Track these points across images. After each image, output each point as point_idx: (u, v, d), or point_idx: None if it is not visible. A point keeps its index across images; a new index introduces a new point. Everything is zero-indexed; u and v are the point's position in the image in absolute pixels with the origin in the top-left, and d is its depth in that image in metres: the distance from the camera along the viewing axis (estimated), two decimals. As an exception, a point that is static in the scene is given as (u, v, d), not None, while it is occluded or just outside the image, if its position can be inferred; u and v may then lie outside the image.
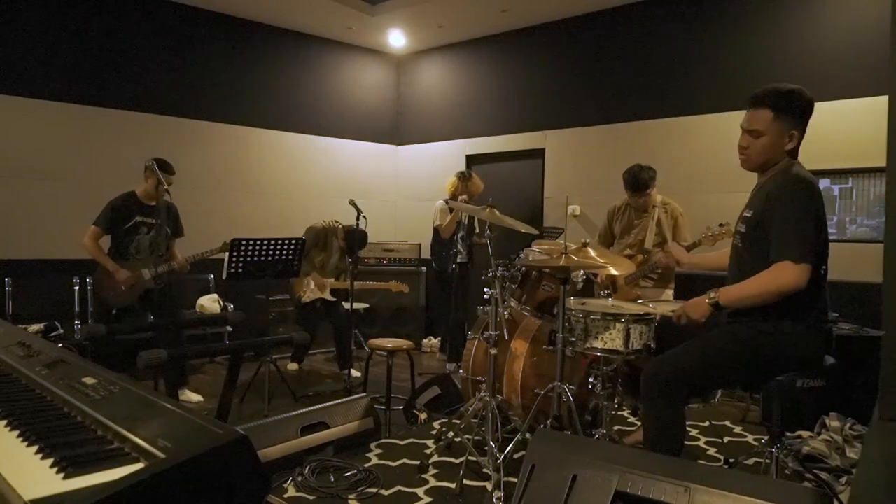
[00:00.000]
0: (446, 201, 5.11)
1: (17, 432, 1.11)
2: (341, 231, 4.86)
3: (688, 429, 2.99)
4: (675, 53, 5.03)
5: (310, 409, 3.05)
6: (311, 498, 2.57)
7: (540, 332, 3.19)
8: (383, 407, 3.55)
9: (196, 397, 4.16)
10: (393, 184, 6.91)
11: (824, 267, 2.17)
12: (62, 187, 4.92)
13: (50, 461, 0.97)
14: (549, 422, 2.78)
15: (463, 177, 5.10)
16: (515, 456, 2.79)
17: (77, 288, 4.89)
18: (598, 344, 2.67)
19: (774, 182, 2.17)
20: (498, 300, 2.93)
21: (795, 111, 2.14)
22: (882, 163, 1.10)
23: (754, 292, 2.11)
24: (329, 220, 4.93)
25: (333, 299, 4.83)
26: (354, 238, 4.45)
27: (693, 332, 2.34)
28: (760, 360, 2.16)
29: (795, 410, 3.22)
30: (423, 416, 3.57)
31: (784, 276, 2.03)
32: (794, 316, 2.12)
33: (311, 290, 4.75)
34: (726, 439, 3.41)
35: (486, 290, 2.99)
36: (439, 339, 5.94)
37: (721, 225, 3.18)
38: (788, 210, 2.07)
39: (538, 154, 5.91)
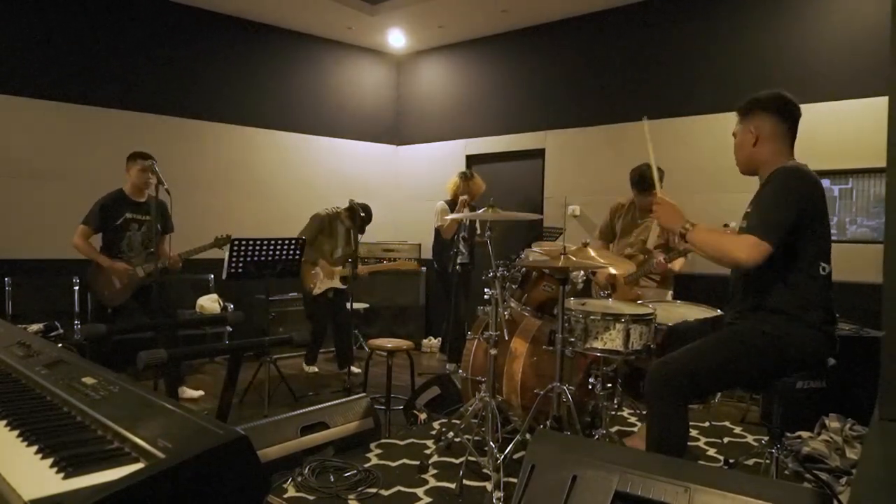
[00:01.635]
0: (447, 202, 5.10)
1: (17, 432, 1.11)
2: (344, 212, 4.83)
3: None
4: (675, 53, 5.03)
5: (310, 409, 3.05)
6: (310, 498, 2.57)
7: (540, 333, 3.19)
8: (383, 407, 3.55)
9: (197, 393, 4.18)
10: (393, 184, 6.91)
11: (828, 266, 2.17)
12: (62, 187, 4.92)
13: (50, 461, 0.97)
14: (548, 422, 2.78)
15: (465, 177, 5.09)
16: (515, 456, 2.79)
17: (77, 288, 4.89)
18: (598, 344, 2.67)
19: (770, 177, 2.22)
20: (498, 300, 2.93)
21: (758, 108, 2.25)
22: (882, 163, 1.10)
23: (716, 248, 2.17)
24: (331, 207, 4.93)
25: (343, 286, 4.81)
26: (360, 213, 4.51)
27: (698, 333, 2.35)
28: (765, 363, 2.16)
29: (795, 411, 3.21)
30: (422, 416, 3.56)
31: (743, 247, 2.08)
32: (800, 318, 2.12)
33: (322, 280, 4.73)
34: (726, 440, 3.41)
35: (486, 290, 2.99)
36: (439, 339, 5.93)
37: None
38: (769, 196, 2.15)
39: (538, 154, 5.91)
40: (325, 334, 4.98)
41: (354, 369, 4.65)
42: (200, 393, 4.19)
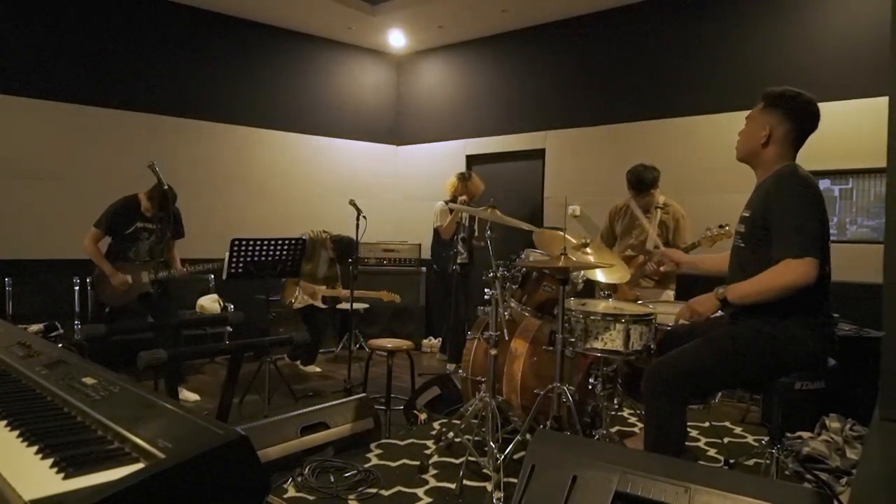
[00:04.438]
0: (447, 202, 5.11)
1: (17, 432, 1.11)
2: (329, 241, 4.92)
3: (688, 429, 2.99)
4: (676, 53, 5.03)
5: (310, 409, 3.05)
6: (311, 498, 2.57)
7: (540, 333, 3.19)
8: (383, 407, 3.55)
9: (193, 396, 4.17)
10: (393, 184, 6.91)
11: (828, 268, 2.17)
12: (62, 187, 4.92)
13: (50, 461, 0.97)
14: (548, 422, 2.78)
15: (463, 177, 5.10)
16: (515, 456, 2.79)
17: (77, 288, 4.89)
18: (598, 344, 2.66)
19: (773, 180, 2.19)
20: (498, 300, 2.93)
21: (783, 108, 2.21)
22: (882, 163, 1.11)
23: (763, 288, 2.10)
24: (317, 230, 5.00)
25: (324, 306, 4.89)
26: (343, 246, 4.62)
27: (696, 332, 2.34)
28: (764, 363, 2.16)
29: (795, 411, 3.21)
30: (423, 416, 3.56)
31: (791, 272, 2.02)
32: (799, 318, 2.11)
33: (302, 297, 4.82)
34: (726, 440, 3.41)
35: (486, 290, 2.99)
36: (439, 339, 5.93)
37: (721, 226, 3.17)
38: (789, 206, 2.09)
39: (538, 154, 5.91)
40: (322, 338, 5.07)
41: (316, 368, 5.00)
42: (196, 398, 4.17)
